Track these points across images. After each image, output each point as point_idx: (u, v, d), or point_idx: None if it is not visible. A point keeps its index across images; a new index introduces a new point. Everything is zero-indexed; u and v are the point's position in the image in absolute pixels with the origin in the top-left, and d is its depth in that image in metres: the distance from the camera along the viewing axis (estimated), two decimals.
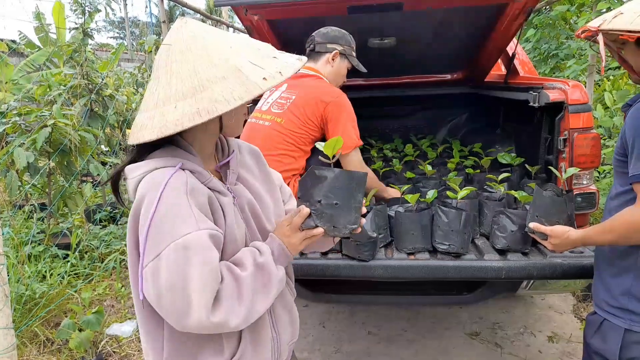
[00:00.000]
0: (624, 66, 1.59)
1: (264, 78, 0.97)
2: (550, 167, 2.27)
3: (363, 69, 2.45)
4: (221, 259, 1.04)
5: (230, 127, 1.14)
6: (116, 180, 1.12)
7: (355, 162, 2.28)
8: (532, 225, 1.71)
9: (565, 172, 1.96)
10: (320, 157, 1.24)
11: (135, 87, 7.02)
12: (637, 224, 1.31)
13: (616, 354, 1.40)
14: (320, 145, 1.22)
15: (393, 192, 2.45)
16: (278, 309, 1.21)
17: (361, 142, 2.30)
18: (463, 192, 2.02)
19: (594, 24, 1.44)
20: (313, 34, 2.38)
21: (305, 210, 1.11)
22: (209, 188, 1.07)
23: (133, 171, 1.03)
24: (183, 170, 1.03)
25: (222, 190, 1.11)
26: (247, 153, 1.29)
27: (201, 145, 1.13)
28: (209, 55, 0.99)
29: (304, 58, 1.10)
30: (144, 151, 1.07)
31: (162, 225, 0.95)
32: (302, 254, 1.85)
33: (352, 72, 2.51)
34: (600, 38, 1.42)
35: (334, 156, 1.19)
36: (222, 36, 1.05)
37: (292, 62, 1.05)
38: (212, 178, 1.10)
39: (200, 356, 1.08)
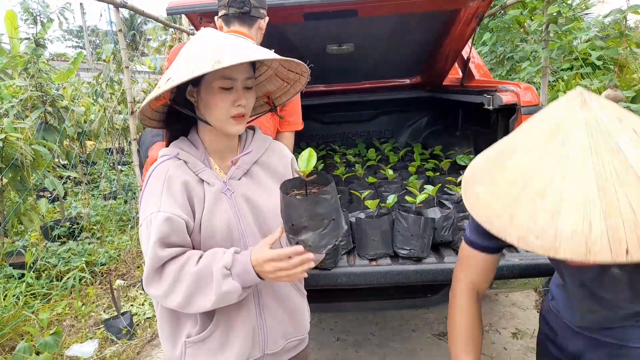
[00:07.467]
0: None
1: (206, 63, 1.04)
2: None
3: None
4: (196, 241, 1.18)
5: (213, 121, 1.20)
6: None
7: (290, 143, 2.19)
8: None
9: None
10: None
11: (95, 98, 6.79)
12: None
13: None
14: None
15: None
16: (268, 300, 1.28)
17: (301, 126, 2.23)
18: (421, 196, 2.04)
19: None
20: None
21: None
22: (199, 177, 1.21)
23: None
24: (178, 159, 1.21)
25: (212, 181, 1.22)
26: (278, 156, 1.37)
27: (210, 141, 1.27)
28: (188, 52, 1.13)
29: (258, 54, 1.09)
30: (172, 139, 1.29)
31: (143, 203, 1.18)
32: None
33: (313, 78, 2.48)
34: None
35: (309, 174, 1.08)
36: (210, 40, 1.12)
37: (242, 54, 1.06)
38: (205, 169, 1.22)
39: (180, 322, 1.26)
